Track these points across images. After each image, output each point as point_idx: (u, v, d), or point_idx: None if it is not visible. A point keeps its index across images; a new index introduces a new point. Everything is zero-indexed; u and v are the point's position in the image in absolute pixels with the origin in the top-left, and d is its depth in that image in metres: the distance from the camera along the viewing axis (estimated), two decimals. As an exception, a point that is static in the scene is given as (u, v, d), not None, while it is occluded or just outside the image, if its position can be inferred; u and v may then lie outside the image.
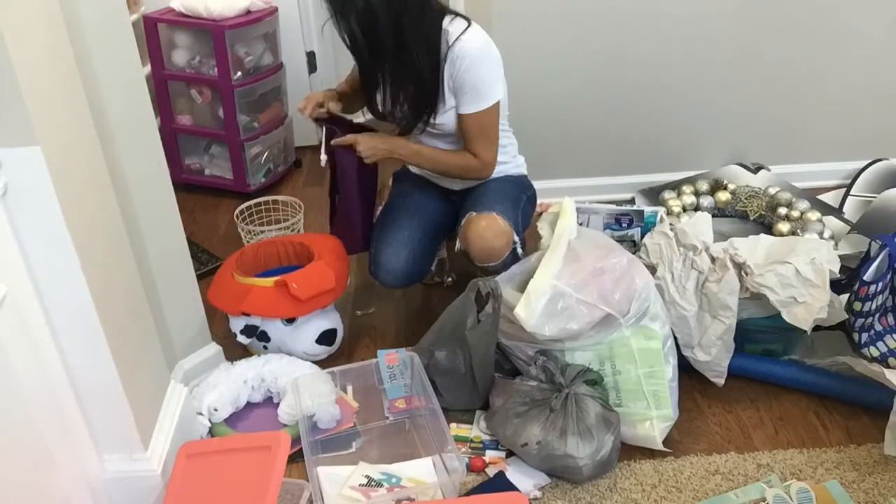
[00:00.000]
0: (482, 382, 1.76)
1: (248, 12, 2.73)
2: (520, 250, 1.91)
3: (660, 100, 2.59)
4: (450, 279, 2.32)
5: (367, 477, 1.62)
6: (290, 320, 1.90)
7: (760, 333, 1.87)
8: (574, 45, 2.47)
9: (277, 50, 2.92)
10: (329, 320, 1.96)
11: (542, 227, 1.90)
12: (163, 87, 2.82)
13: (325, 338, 1.93)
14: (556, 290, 1.67)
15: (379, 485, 1.60)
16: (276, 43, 2.91)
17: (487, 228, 1.83)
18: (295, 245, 2.10)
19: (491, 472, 1.64)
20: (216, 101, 2.79)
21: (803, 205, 2.41)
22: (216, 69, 2.70)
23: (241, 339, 1.91)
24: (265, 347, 1.94)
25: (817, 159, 2.74)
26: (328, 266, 1.95)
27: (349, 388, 1.87)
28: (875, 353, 1.81)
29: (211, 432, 1.76)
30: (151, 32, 2.72)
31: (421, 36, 1.74)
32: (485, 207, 1.87)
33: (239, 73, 2.74)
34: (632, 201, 2.65)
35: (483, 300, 1.72)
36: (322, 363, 1.94)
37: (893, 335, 1.84)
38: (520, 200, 1.96)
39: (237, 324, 1.92)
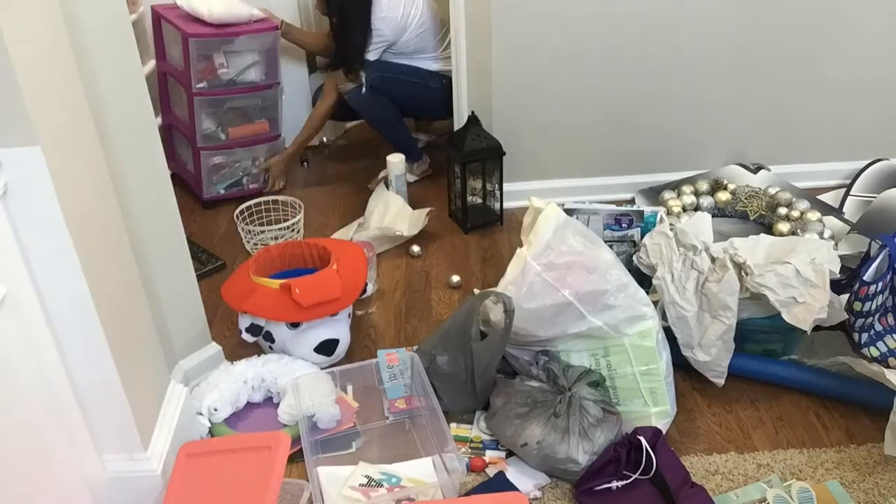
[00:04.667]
0: (483, 391, 1.76)
1: (249, 22, 2.66)
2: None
3: (660, 100, 2.59)
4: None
5: (367, 477, 1.62)
6: (295, 325, 1.89)
7: (760, 333, 1.87)
8: (574, 45, 2.47)
9: (276, 70, 2.77)
10: (333, 330, 1.92)
11: (527, 219, 1.87)
12: (162, 78, 2.82)
13: (324, 348, 1.91)
14: (528, 265, 1.69)
15: (379, 485, 1.60)
16: (274, 62, 2.76)
17: None
18: (319, 248, 2.09)
19: (491, 472, 1.64)
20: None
21: (803, 205, 2.41)
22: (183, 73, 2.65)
23: (246, 336, 1.91)
24: (271, 348, 1.94)
25: (817, 159, 2.74)
26: (339, 275, 1.93)
27: (349, 388, 1.87)
28: (875, 353, 1.81)
29: (211, 432, 1.76)
30: (157, 26, 2.72)
31: None
32: None
33: (204, 83, 2.64)
34: (632, 201, 2.65)
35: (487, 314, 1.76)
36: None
37: (893, 335, 1.84)
38: None
39: (243, 321, 1.91)
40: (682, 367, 1.83)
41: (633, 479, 1.56)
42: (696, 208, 2.47)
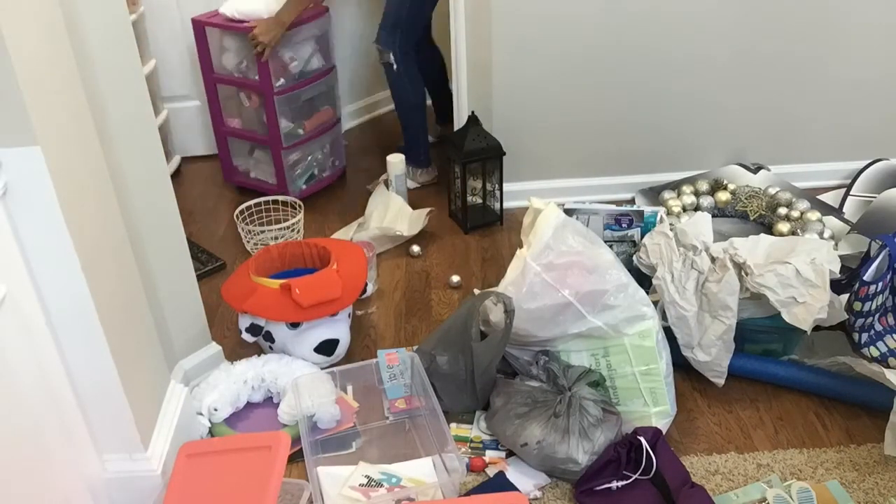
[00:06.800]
0: (483, 391, 1.76)
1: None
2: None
3: (660, 100, 2.59)
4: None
5: (367, 477, 1.62)
6: (295, 325, 1.89)
7: (760, 333, 1.87)
8: (574, 45, 2.47)
9: (330, 52, 2.82)
10: (333, 330, 1.92)
11: (527, 220, 1.88)
12: (212, 90, 2.77)
13: (324, 348, 1.91)
14: (528, 265, 1.69)
15: (379, 485, 1.60)
16: (327, 45, 2.80)
17: None
18: (319, 248, 2.09)
19: (491, 472, 1.65)
20: (262, 107, 2.70)
21: (803, 205, 2.41)
22: (258, 75, 2.62)
23: (246, 336, 1.91)
24: (271, 348, 1.94)
25: (817, 159, 2.74)
26: (339, 275, 1.93)
27: (349, 388, 1.87)
28: (875, 353, 1.81)
29: (211, 432, 1.76)
30: (200, 35, 2.67)
31: None
32: None
33: (282, 80, 2.63)
34: (632, 201, 2.65)
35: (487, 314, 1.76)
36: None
37: (893, 335, 1.84)
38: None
39: (243, 321, 1.91)
40: (682, 367, 1.83)
41: (633, 479, 1.56)
42: (696, 208, 2.47)
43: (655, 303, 1.77)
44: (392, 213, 2.57)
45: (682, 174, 2.68)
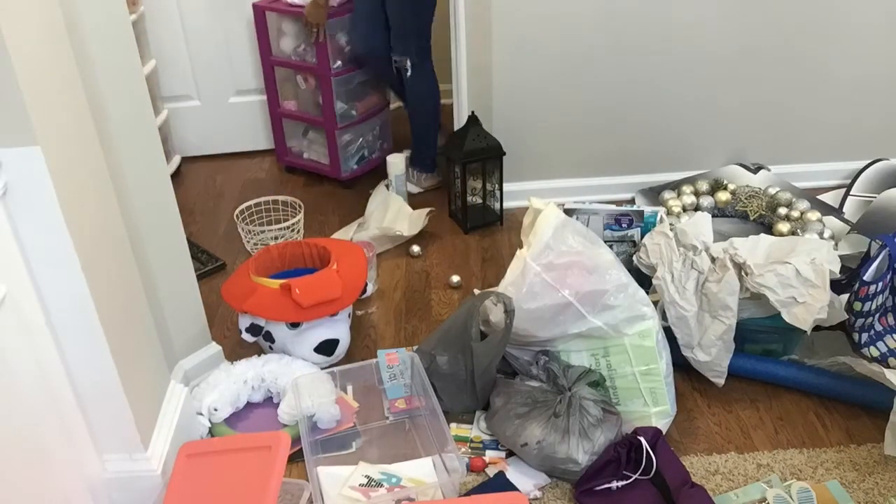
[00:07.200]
0: (483, 391, 1.76)
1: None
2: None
3: (660, 99, 2.59)
4: None
5: (367, 477, 1.62)
6: (295, 325, 1.89)
7: (760, 333, 1.87)
8: (574, 45, 2.47)
9: None
10: (333, 330, 1.92)
11: (527, 220, 1.88)
12: (270, 73, 2.90)
13: (324, 348, 1.91)
14: (528, 266, 1.69)
15: (379, 485, 1.60)
16: None
17: None
18: (319, 248, 2.09)
19: (491, 472, 1.65)
20: (318, 88, 2.82)
21: (803, 205, 2.41)
22: (316, 57, 2.73)
23: (246, 336, 1.91)
24: (271, 348, 1.94)
25: (817, 159, 2.74)
26: (339, 275, 1.93)
27: (349, 388, 1.87)
28: (875, 353, 1.81)
29: (211, 432, 1.76)
30: (260, 20, 2.80)
31: None
32: None
33: (339, 62, 2.75)
34: (632, 201, 2.65)
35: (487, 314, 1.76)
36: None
37: (893, 335, 1.84)
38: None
39: (243, 321, 1.91)
40: (682, 367, 1.83)
41: (633, 479, 1.56)
42: (696, 208, 2.47)
43: (655, 303, 1.77)
44: (392, 213, 2.57)
45: (682, 174, 2.68)
